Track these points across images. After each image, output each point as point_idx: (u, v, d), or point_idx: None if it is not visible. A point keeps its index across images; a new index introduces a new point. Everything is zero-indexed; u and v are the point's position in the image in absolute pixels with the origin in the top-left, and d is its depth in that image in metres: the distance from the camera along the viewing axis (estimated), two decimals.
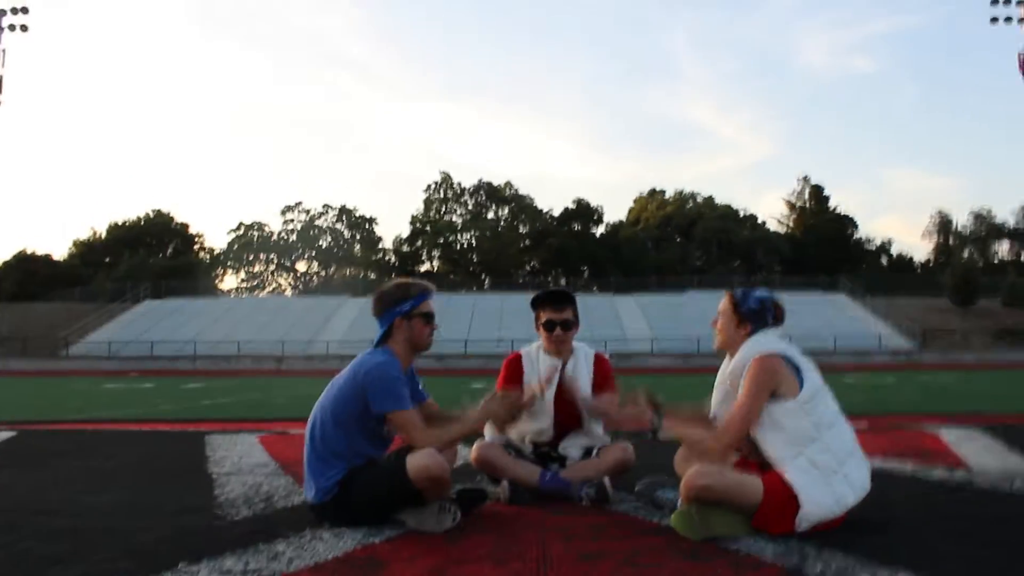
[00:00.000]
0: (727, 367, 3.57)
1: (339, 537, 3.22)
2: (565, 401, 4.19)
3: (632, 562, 2.87)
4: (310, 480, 3.51)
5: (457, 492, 3.65)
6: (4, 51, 48.74)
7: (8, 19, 49.44)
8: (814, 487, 3.17)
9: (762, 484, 3.22)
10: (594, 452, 4.16)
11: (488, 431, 4.25)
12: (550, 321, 4.27)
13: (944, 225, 79.47)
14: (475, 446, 4.12)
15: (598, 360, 4.38)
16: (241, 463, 5.47)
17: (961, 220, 79.89)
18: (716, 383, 3.68)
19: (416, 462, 3.33)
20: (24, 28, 49.58)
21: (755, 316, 3.54)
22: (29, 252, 73.06)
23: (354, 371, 3.57)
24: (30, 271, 69.11)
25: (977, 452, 5.66)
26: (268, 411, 11.57)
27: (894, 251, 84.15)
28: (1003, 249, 78.30)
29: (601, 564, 2.84)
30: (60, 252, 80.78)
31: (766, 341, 3.46)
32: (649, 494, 3.84)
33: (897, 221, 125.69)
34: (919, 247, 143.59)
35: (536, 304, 4.37)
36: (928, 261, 79.07)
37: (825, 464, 3.23)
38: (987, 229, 76.99)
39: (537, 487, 3.94)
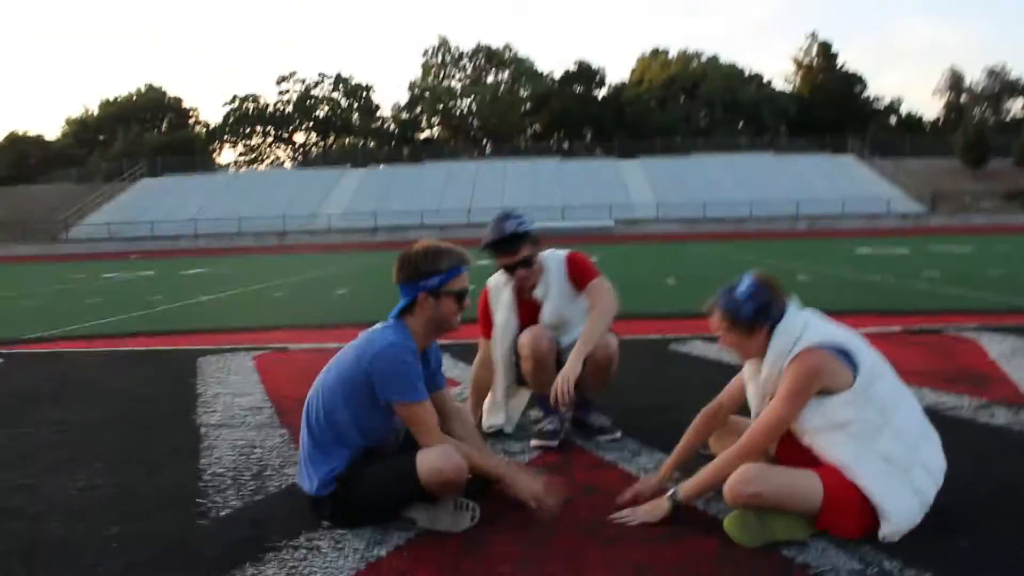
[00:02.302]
0: (756, 374, 2.99)
1: (340, 550, 2.77)
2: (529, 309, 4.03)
3: None
4: (306, 471, 3.03)
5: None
6: None
7: None
8: (896, 492, 2.68)
9: (820, 481, 2.73)
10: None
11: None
12: (507, 267, 3.95)
13: (956, 82, 77.25)
14: (531, 335, 3.82)
15: (569, 263, 3.99)
16: (234, 406, 5.06)
17: (974, 76, 77.72)
18: (746, 379, 3.10)
19: (428, 464, 2.84)
20: None
21: (761, 314, 2.86)
22: (21, 133, 71.66)
23: (359, 352, 3.00)
24: (23, 152, 67.93)
25: None
26: (268, 312, 11.29)
27: (903, 110, 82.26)
28: (1017, 107, 76.34)
29: None
30: (53, 132, 79.26)
31: (798, 332, 2.81)
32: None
33: (908, 78, 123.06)
34: (930, 105, 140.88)
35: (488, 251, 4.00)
36: (939, 120, 77.26)
37: (900, 457, 2.72)
38: (1001, 86, 74.78)
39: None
